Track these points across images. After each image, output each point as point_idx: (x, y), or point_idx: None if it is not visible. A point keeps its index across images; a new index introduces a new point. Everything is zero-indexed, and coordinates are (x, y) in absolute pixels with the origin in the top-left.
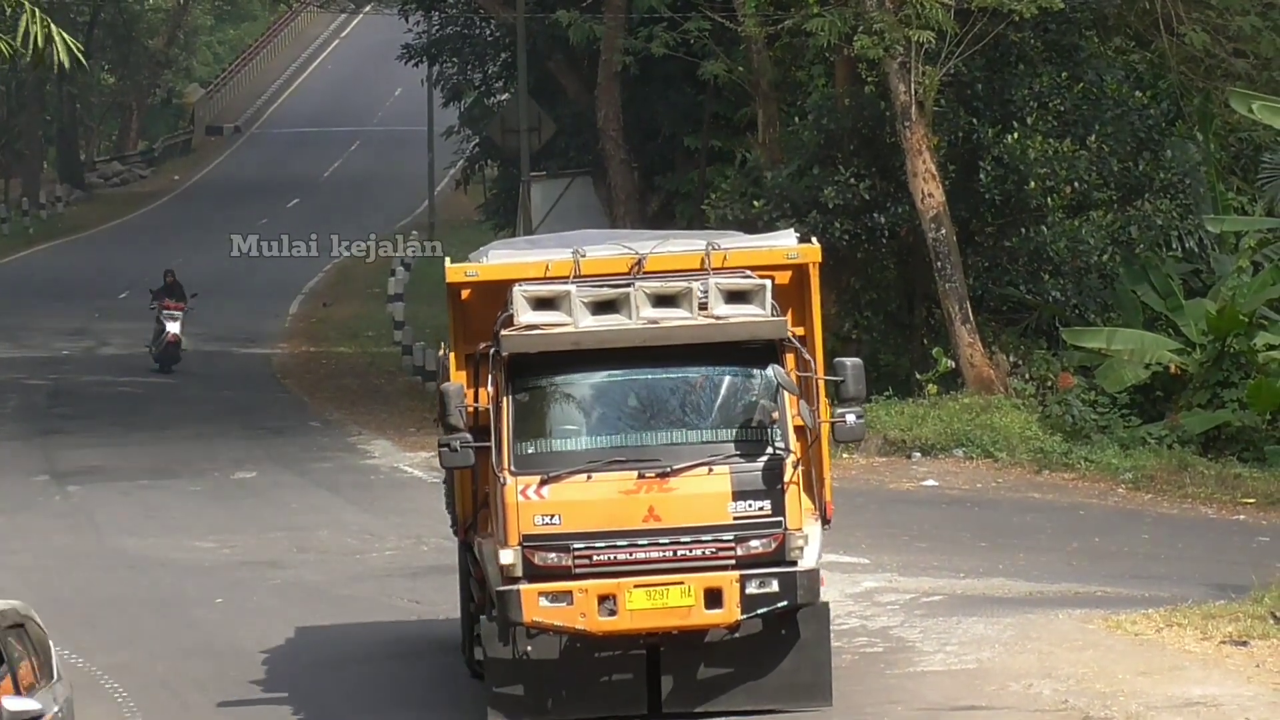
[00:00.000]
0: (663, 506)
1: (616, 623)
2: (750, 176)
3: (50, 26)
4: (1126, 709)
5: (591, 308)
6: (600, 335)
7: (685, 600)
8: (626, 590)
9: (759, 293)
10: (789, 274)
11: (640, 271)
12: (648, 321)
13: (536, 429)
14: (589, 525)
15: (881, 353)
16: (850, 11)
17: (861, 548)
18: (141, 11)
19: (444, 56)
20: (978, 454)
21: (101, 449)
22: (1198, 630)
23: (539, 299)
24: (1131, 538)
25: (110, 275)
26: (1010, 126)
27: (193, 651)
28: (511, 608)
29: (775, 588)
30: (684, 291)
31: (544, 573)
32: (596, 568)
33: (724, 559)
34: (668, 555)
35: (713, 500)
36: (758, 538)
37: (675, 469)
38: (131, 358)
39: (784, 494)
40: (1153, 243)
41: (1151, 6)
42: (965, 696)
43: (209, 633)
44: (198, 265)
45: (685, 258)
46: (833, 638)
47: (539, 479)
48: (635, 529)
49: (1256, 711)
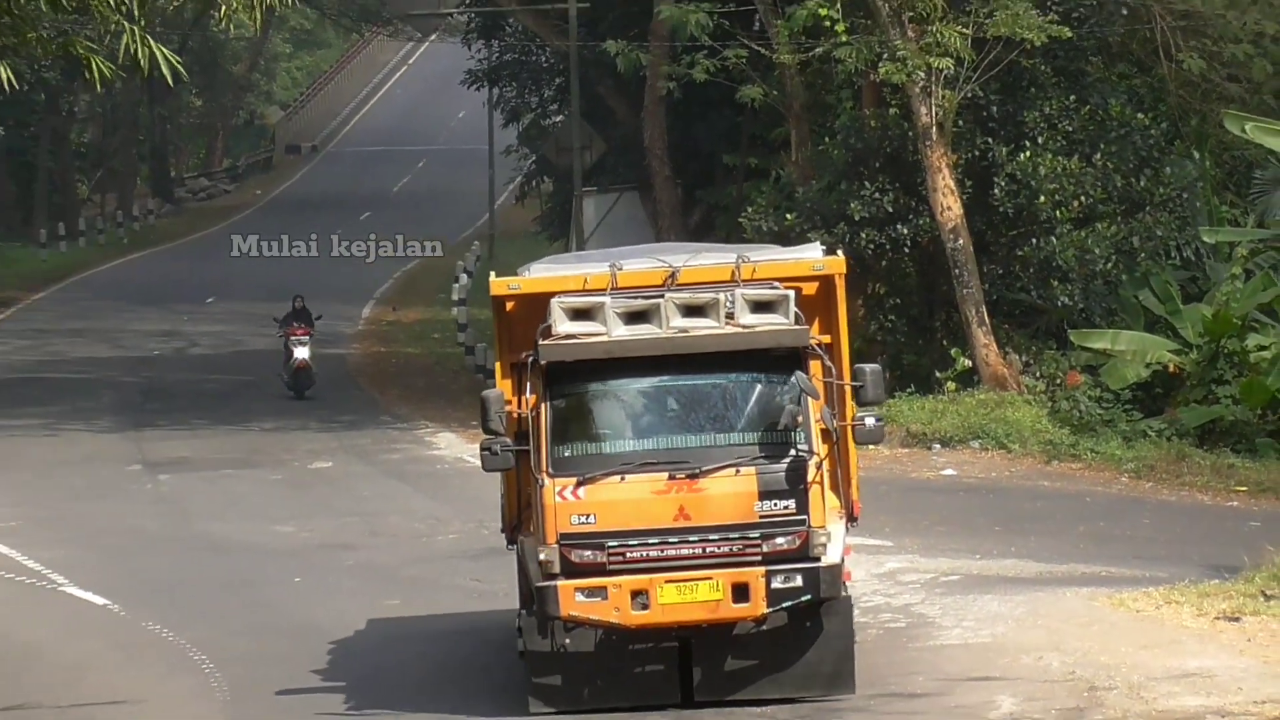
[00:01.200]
0: (692, 506)
1: (649, 616)
2: (783, 191)
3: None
4: (1128, 680)
5: (624, 318)
6: (632, 344)
7: (714, 595)
8: (658, 585)
9: (783, 303)
10: (816, 285)
11: (674, 284)
12: (677, 331)
13: (573, 433)
14: (623, 524)
15: (904, 353)
16: (875, 40)
17: (885, 531)
18: (226, 40)
19: (503, 81)
20: (992, 446)
21: (189, 441)
22: (1194, 607)
23: (576, 310)
24: (1133, 522)
25: (198, 282)
26: (1022, 145)
27: (273, 627)
28: (549, 602)
29: (799, 582)
30: (712, 302)
31: (580, 569)
32: (630, 564)
33: (751, 555)
34: (697, 552)
35: (740, 500)
36: (783, 535)
37: (704, 470)
38: (217, 358)
39: (807, 493)
40: (1153, 252)
41: (1152, 35)
42: (980, 668)
43: (287, 610)
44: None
45: (716, 270)
46: (858, 614)
47: (575, 480)
48: (666, 527)
49: (1248, 683)
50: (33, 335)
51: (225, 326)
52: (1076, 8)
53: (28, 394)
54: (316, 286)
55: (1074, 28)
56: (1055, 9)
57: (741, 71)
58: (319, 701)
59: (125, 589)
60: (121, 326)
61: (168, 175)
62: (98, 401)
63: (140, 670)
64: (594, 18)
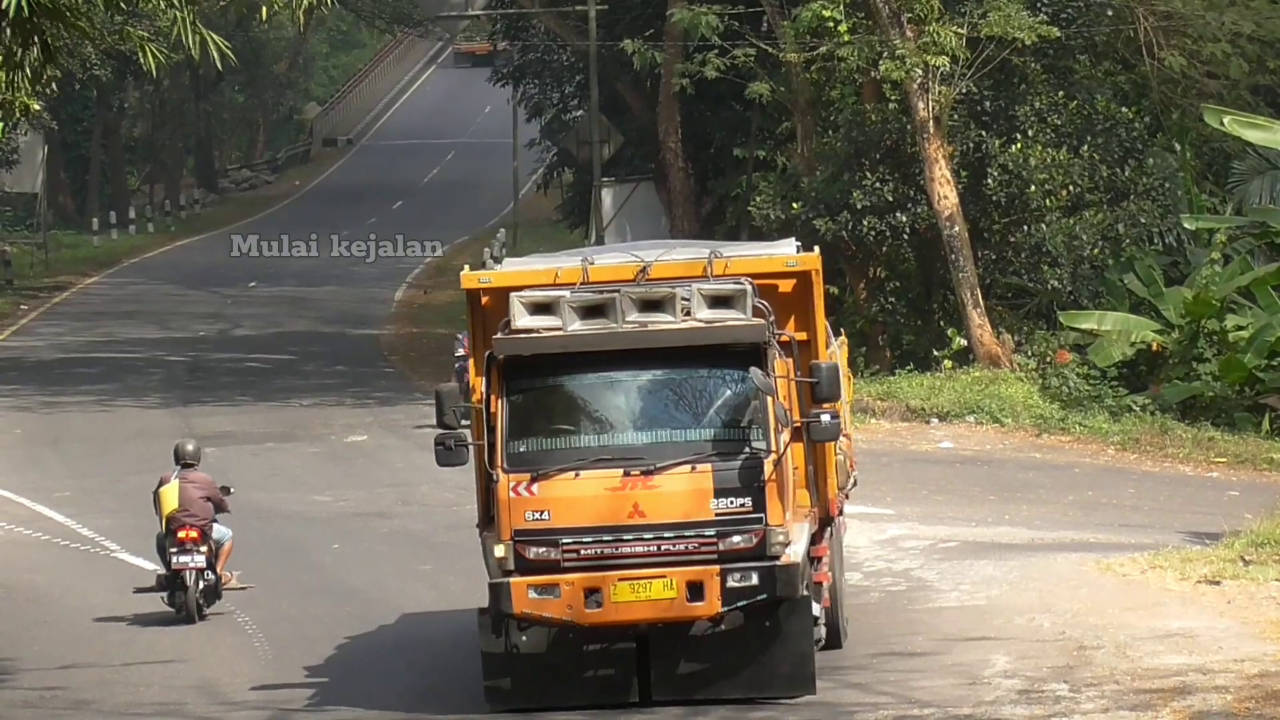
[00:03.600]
0: (647, 503)
1: (602, 614)
2: (790, 181)
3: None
4: (1115, 639)
5: (581, 312)
6: (586, 338)
7: (668, 593)
8: (611, 583)
9: (741, 298)
10: (792, 282)
11: (646, 279)
12: (634, 326)
13: (529, 428)
14: (577, 521)
15: (904, 333)
16: (876, 40)
17: (887, 500)
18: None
19: (527, 79)
20: (987, 420)
21: (233, 416)
22: (1177, 572)
23: (535, 304)
24: (1119, 492)
25: (241, 268)
26: (1014, 138)
27: (312, 590)
28: (503, 599)
29: (755, 581)
30: (669, 297)
31: (534, 566)
32: (584, 561)
33: (706, 554)
34: (652, 550)
35: (695, 497)
36: (739, 533)
37: (659, 467)
38: (259, 338)
39: (764, 491)
40: (1137, 238)
41: (1135, 34)
42: (976, 628)
43: (326, 574)
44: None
45: (688, 265)
46: (860, 578)
47: (530, 476)
48: (621, 524)
49: (1228, 642)
50: (86, 318)
51: (267, 309)
52: (1065, 8)
53: (82, 373)
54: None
55: (1062, 28)
56: (1045, 10)
57: (750, 69)
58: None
59: None
60: (169, 309)
61: (212, 167)
62: (147, 380)
63: (187, 631)
64: (612, 19)
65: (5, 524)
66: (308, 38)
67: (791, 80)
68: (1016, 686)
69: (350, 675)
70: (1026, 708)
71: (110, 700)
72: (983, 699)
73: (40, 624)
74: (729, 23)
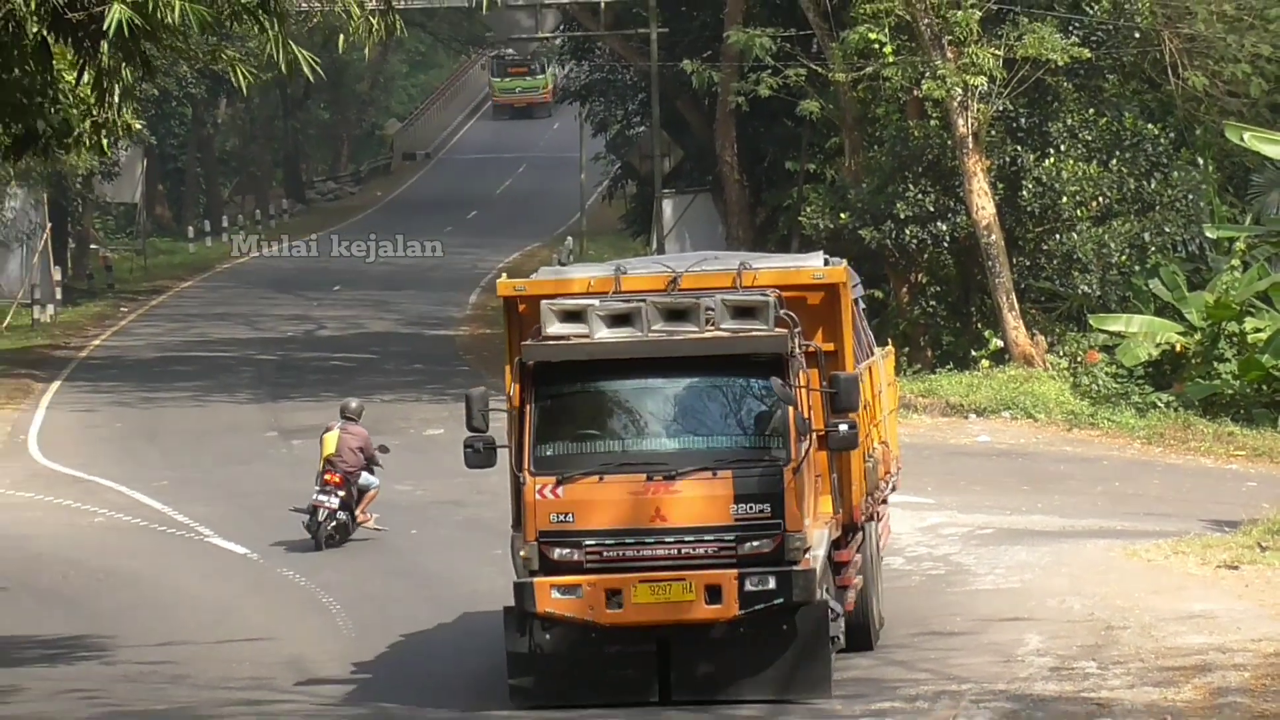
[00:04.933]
0: (668, 507)
1: (622, 615)
2: (838, 193)
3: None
4: (1140, 620)
5: (608, 321)
6: (612, 346)
7: (687, 595)
8: (632, 585)
9: (764, 309)
10: (820, 294)
11: (676, 289)
12: (659, 334)
13: (555, 433)
14: (600, 524)
15: (944, 334)
16: (919, 61)
17: (928, 491)
18: (350, 61)
19: (593, 97)
20: (1021, 415)
21: (318, 411)
22: (1198, 557)
23: (565, 312)
24: (1144, 483)
25: (326, 273)
26: (1047, 153)
27: (392, 572)
28: (526, 599)
29: (772, 585)
30: (693, 307)
31: (558, 567)
32: (606, 563)
33: (725, 558)
34: (672, 553)
35: (716, 503)
36: (757, 538)
37: (681, 472)
38: (342, 339)
39: (783, 498)
40: (1162, 246)
41: (1161, 56)
42: (1010, 610)
43: (405, 558)
44: (398, 264)
45: (718, 276)
46: (902, 562)
47: (555, 479)
48: (642, 528)
49: (1246, 623)
50: (182, 319)
51: (349, 311)
52: (1095, 31)
53: (177, 370)
54: (428, 279)
55: (1093, 49)
56: (1076, 32)
57: (801, 88)
58: (433, 637)
59: (263, 540)
60: (259, 312)
61: (299, 179)
62: (238, 377)
63: (276, 611)
64: (672, 41)
65: (107, 511)
66: (388, 59)
67: (839, 98)
68: (1048, 664)
69: (424, 657)
70: (1058, 684)
71: (204, 675)
72: (1017, 675)
73: (139, 604)
74: (781, 44)
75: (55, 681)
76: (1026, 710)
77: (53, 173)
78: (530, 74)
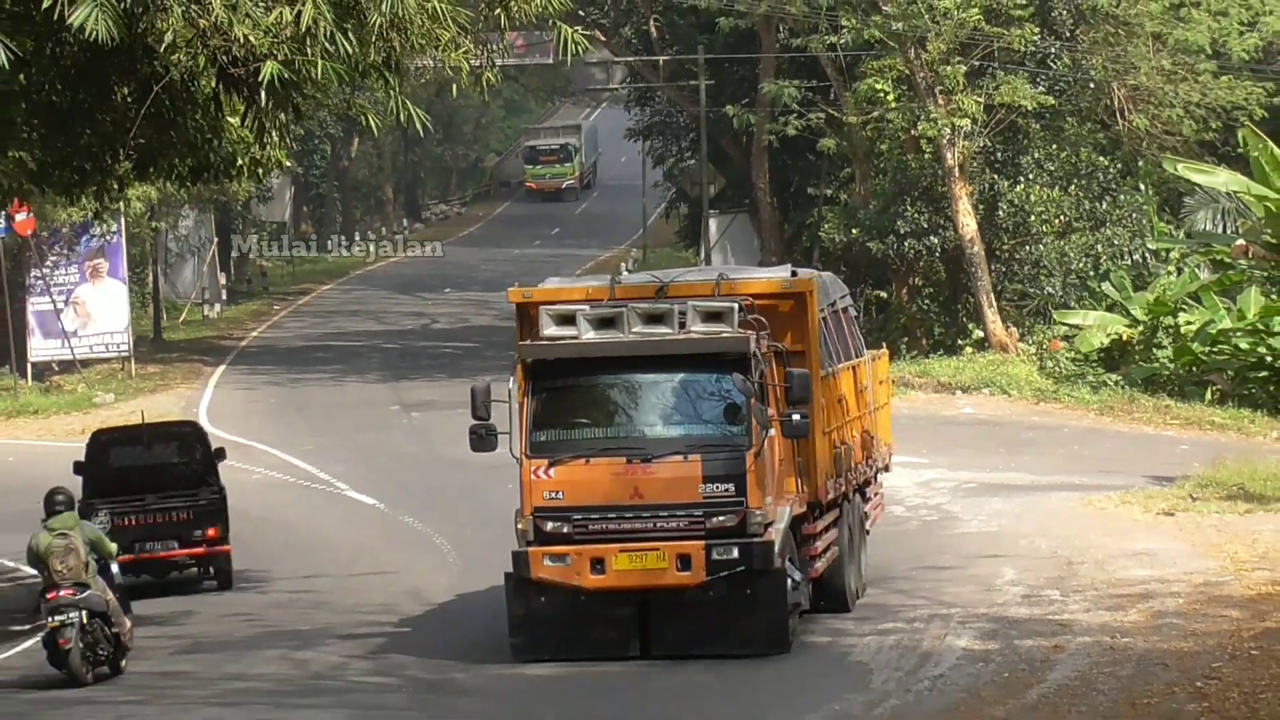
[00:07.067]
0: (645, 487)
1: (605, 580)
2: (850, 213)
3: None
4: (1095, 557)
5: (595, 323)
6: (596, 346)
7: (660, 563)
8: (613, 554)
9: (729, 314)
10: (790, 301)
11: (664, 296)
12: (637, 336)
13: (548, 421)
14: (586, 500)
15: (935, 326)
16: (915, 106)
17: (923, 453)
18: (458, 107)
19: (653, 135)
20: (998, 392)
21: (433, 389)
22: (1141, 506)
23: (560, 316)
24: (1098, 446)
25: (440, 277)
26: (1019, 180)
27: (489, 521)
28: (523, 566)
29: (735, 555)
30: (668, 312)
31: (550, 538)
32: (591, 535)
33: (695, 531)
34: (649, 526)
35: (686, 483)
36: (723, 514)
37: (656, 456)
38: (452, 330)
39: (745, 479)
40: (1112, 256)
41: (1111, 102)
42: (990, 548)
43: (501, 509)
44: (498, 266)
45: (700, 286)
46: (902, 510)
47: (548, 462)
48: (623, 504)
49: (1180, 560)
50: (323, 315)
51: (458, 309)
52: (1058, 82)
53: (319, 356)
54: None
55: (1056, 96)
56: (1042, 84)
57: (821, 128)
58: None
59: (388, 493)
60: (384, 309)
61: (417, 202)
62: (368, 361)
63: (398, 550)
64: (717, 90)
65: (263, 469)
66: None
67: (852, 136)
68: (1020, 592)
69: None
70: (1028, 609)
71: (341, 603)
72: (995, 601)
73: (288, 546)
74: (805, 93)
75: (222, 607)
76: (1003, 629)
77: (219, 198)
78: (559, 162)
